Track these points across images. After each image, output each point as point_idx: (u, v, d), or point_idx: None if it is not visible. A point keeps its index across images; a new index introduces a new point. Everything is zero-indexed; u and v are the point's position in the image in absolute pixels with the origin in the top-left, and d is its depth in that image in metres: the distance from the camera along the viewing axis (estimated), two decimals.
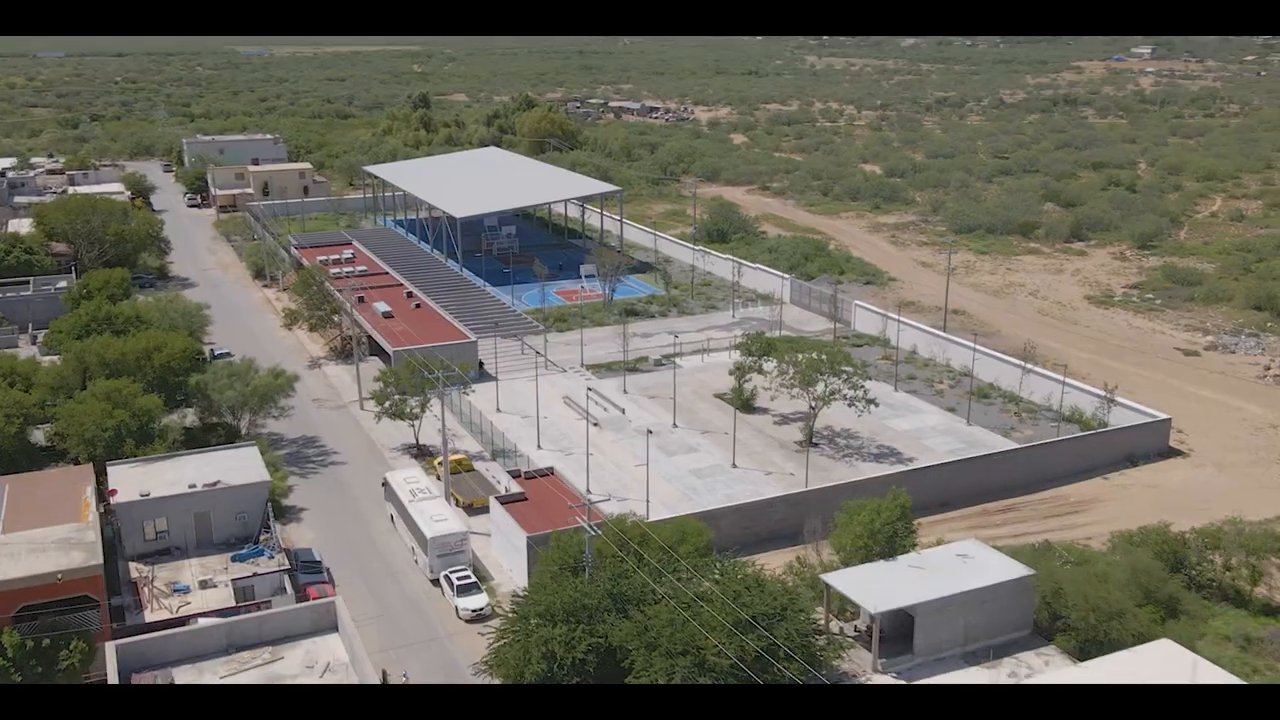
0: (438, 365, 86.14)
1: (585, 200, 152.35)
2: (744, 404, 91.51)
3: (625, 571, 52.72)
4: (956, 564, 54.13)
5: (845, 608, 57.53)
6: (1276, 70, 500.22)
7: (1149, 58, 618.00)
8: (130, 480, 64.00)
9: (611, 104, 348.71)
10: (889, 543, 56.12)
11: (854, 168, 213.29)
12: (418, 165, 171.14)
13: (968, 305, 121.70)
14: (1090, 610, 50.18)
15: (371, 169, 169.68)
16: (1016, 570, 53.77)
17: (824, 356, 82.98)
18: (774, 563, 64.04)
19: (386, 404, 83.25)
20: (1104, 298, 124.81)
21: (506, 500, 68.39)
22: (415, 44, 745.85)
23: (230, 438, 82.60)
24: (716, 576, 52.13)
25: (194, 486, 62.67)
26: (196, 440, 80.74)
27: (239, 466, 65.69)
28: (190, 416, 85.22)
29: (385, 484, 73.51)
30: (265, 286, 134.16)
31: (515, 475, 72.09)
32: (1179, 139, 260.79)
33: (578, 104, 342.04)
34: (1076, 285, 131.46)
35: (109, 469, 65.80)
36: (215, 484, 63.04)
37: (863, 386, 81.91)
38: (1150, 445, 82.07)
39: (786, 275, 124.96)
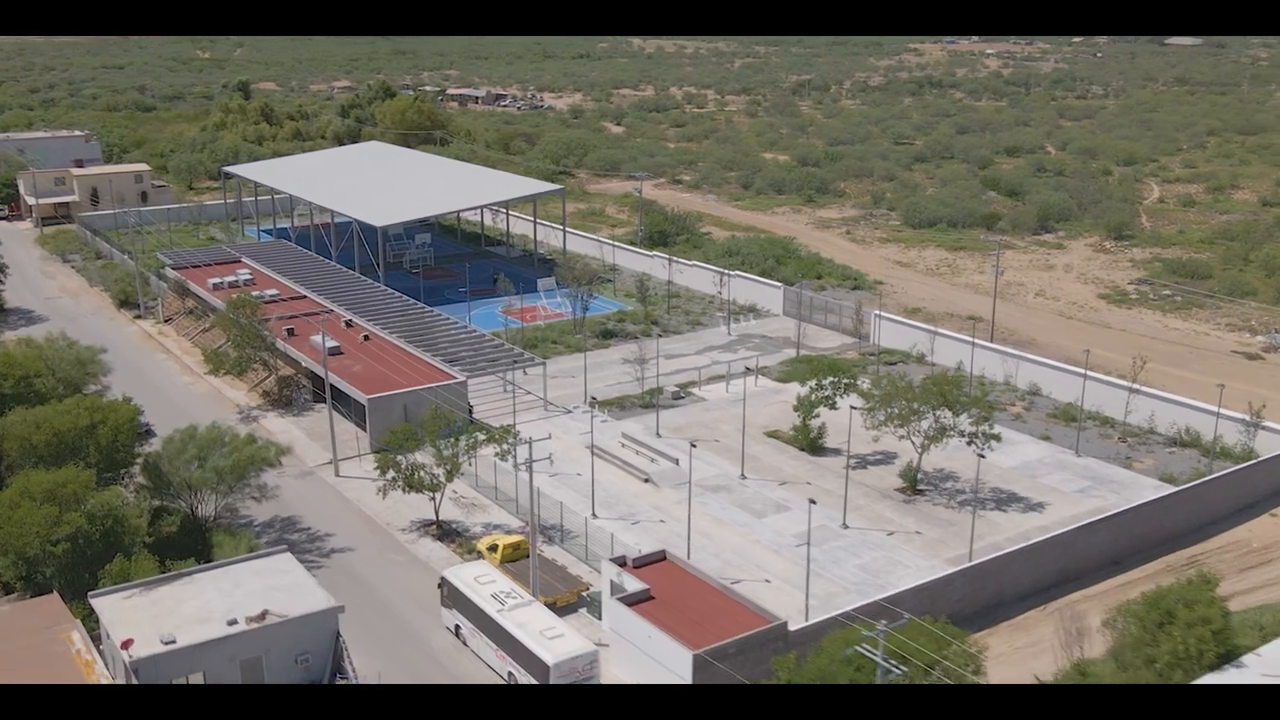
0: (437, 413, 72.25)
1: (505, 204, 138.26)
2: (811, 444, 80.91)
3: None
4: None
5: None
6: (1110, 53, 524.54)
7: (978, 40, 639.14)
8: (132, 618, 48.01)
9: (450, 92, 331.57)
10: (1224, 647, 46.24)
11: (759, 157, 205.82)
12: (292, 165, 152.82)
13: (979, 310, 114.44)
14: None
15: (236, 170, 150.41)
16: None
17: (936, 385, 73.11)
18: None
19: (392, 474, 68.38)
20: (1120, 296, 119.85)
21: (633, 600, 55.40)
22: None
23: (190, 527, 66.30)
24: None
25: (235, 623, 47.33)
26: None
27: (281, 585, 50.52)
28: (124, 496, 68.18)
29: (444, 585, 59.12)
30: (138, 318, 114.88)
31: (621, 563, 58.98)
32: (1068, 122, 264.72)
33: (409, 91, 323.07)
34: (1079, 282, 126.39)
35: (93, 602, 49.48)
36: (263, 616, 47.84)
37: (987, 420, 72.41)
38: None
39: (778, 283, 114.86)
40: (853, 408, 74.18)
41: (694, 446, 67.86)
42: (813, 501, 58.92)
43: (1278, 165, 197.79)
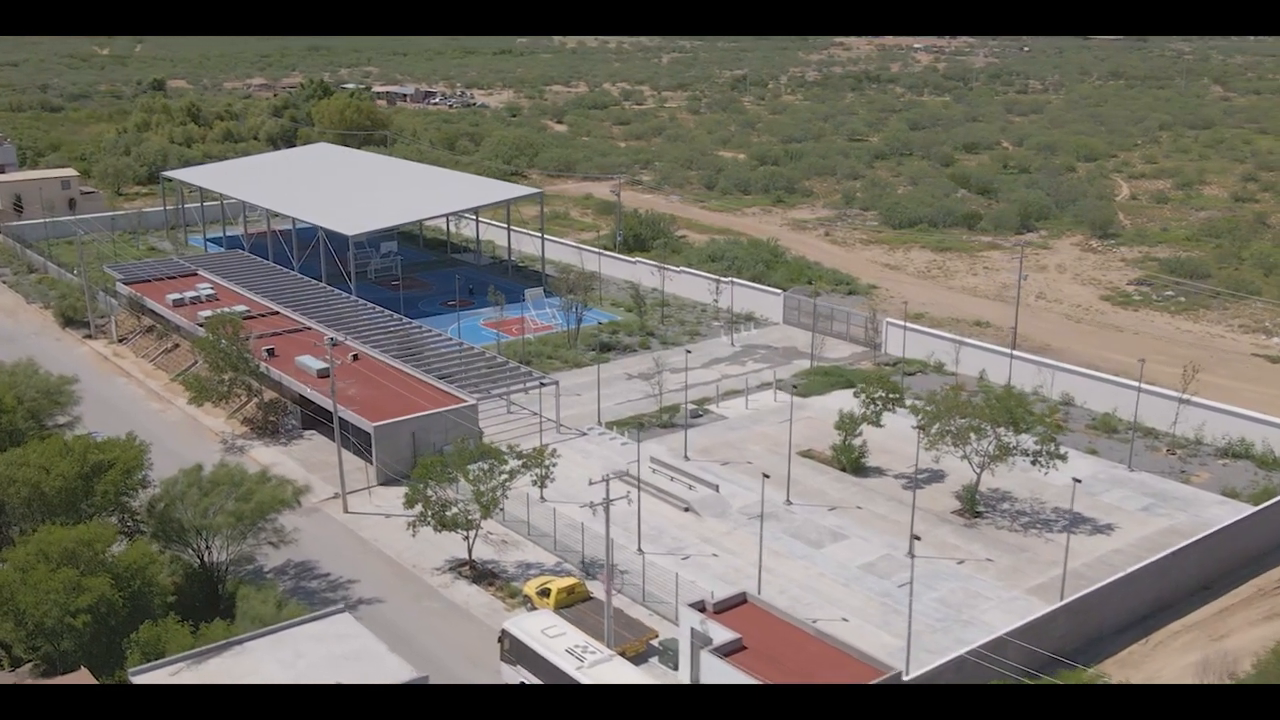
0: (464, 443, 67.42)
1: (478, 210, 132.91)
2: (853, 464, 77.40)
3: None
4: None
5: None
6: (1037, 47, 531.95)
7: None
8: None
9: (377, 89, 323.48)
10: None
11: (716, 156, 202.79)
12: (238, 169, 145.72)
13: (983, 314, 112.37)
14: None
15: (177, 175, 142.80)
16: None
17: (1001, 402, 70.10)
18: None
19: (420, 508, 63.38)
20: (1123, 298, 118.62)
21: (728, 651, 51.24)
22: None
23: (199, 578, 60.57)
24: None
25: None
26: None
27: (348, 653, 45.51)
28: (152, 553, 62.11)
29: (505, 638, 54.38)
30: (88, 338, 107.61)
31: (700, 608, 54.75)
32: (1018, 117, 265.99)
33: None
34: (1076, 283, 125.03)
35: (134, 681, 43.93)
36: None
37: (1054, 439, 69.58)
38: None
39: (777, 290, 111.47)
40: (917, 427, 70.67)
41: (767, 477, 63.77)
42: (917, 538, 55.23)
43: (1238, 160, 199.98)
